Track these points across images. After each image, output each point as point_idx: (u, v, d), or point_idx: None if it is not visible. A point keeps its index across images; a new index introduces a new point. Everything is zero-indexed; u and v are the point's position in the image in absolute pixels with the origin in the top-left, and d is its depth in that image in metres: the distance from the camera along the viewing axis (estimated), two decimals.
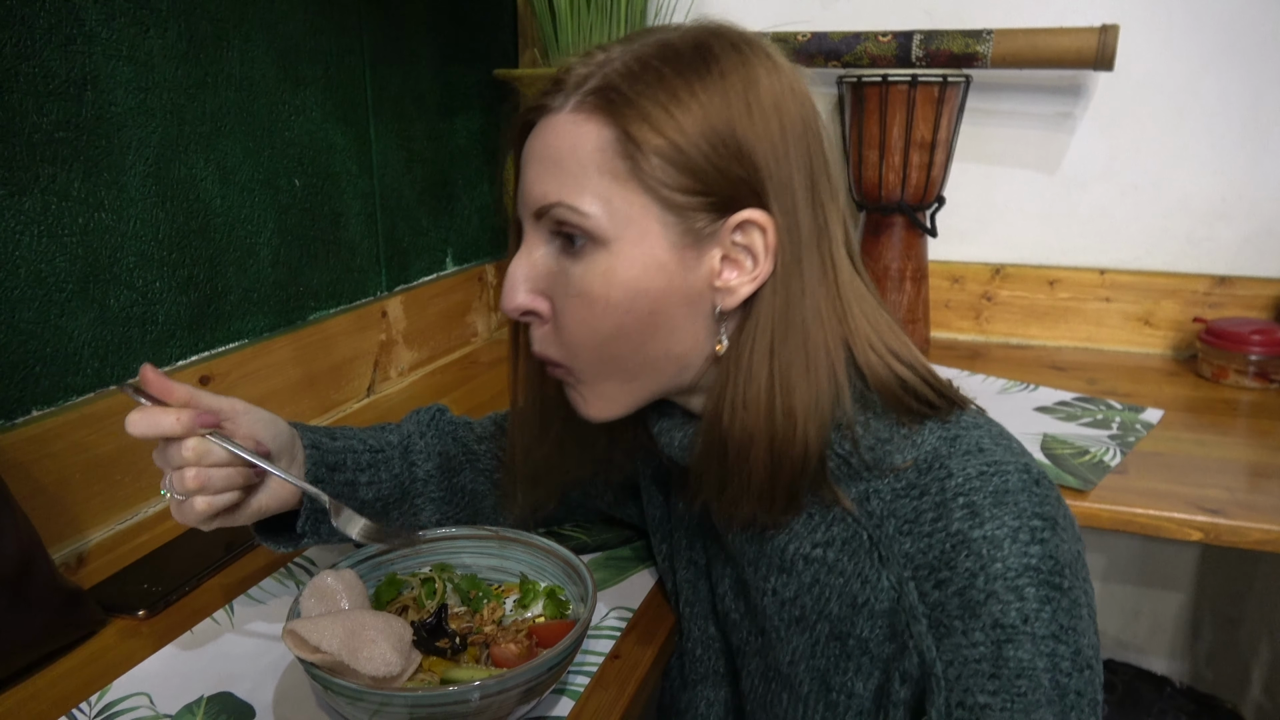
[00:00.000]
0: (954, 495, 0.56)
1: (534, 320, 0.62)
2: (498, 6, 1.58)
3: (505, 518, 0.83)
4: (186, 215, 0.98)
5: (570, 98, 0.57)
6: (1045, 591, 0.54)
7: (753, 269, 0.58)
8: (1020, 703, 0.53)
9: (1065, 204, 1.50)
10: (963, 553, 0.55)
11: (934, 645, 0.56)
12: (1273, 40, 1.35)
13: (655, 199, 0.56)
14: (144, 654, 0.70)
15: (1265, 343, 1.30)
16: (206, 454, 0.61)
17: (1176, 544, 1.53)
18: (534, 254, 0.60)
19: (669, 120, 0.55)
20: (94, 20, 0.86)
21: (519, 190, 0.61)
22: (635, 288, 0.57)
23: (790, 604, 0.63)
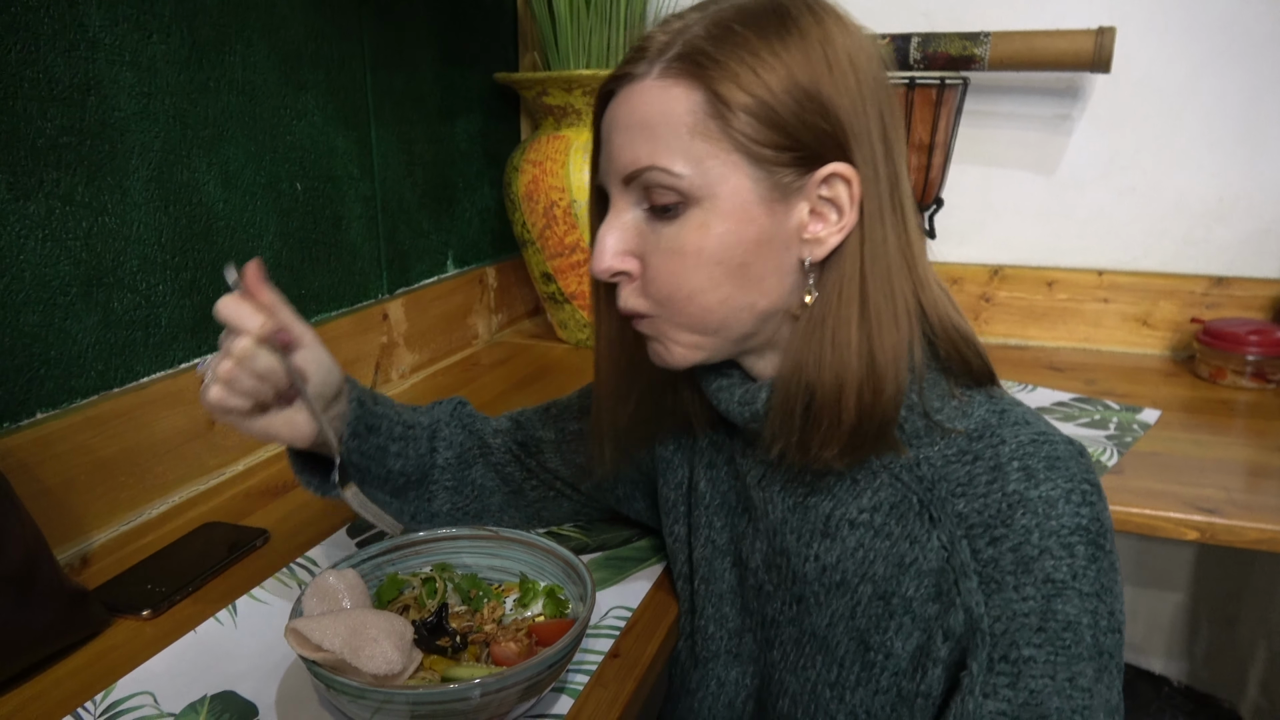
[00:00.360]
0: (1009, 459, 0.60)
1: (623, 279, 0.64)
2: (498, 10, 1.59)
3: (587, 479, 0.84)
4: (189, 219, 0.99)
5: (655, 64, 0.59)
6: (1093, 551, 0.58)
7: (838, 221, 0.60)
8: (1064, 655, 0.56)
9: (1063, 205, 1.51)
10: (1019, 510, 0.58)
11: (983, 600, 0.58)
12: (1269, 42, 1.36)
13: (745, 156, 0.58)
14: (148, 654, 0.71)
15: (1262, 343, 1.30)
16: (250, 359, 0.64)
17: (1174, 544, 1.54)
18: (623, 217, 0.62)
19: (755, 79, 0.57)
20: (97, 26, 0.87)
21: (603, 157, 0.63)
22: (728, 241, 0.59)
23: (832, 569, 0.65)
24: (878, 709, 0.63)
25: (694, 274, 0.60)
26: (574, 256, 1.45)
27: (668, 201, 0.60)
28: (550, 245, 1.45)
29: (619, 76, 0.61)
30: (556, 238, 1.44)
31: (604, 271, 0.63)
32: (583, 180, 1.40)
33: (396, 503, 0.80)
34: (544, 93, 1.43)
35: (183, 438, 0.98)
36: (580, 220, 1.41)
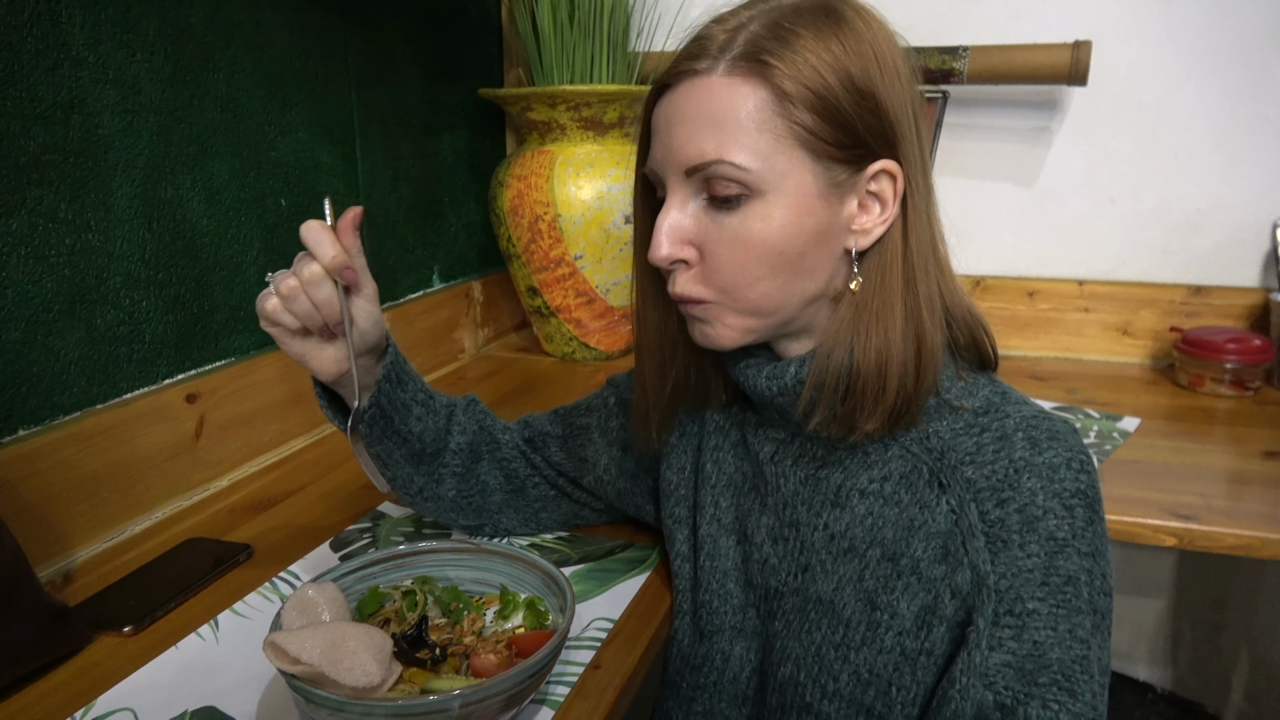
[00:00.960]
0: (1014, 430, 0.65)
1: (679, 266, 0.66)
2: (483, 26, 1.60)
3: (588, 473, 0.87)
4: (173, 235, 0.99)
5: (719, 61, 0.62)
6: (1089, 514, 0.63)
7: (881, 213, 0.65)
8: (1065, 608, 0.60)
9: (1043, 216, 1.52)
10: (1025, 474, 0.63)
11: (990, 558, 0.62)
12: (1241, 56, 1.38)
13: (808, 151, 0.62)
14: (129, 670, 0.71)
15: (1240, 351, 1.32)
16: (313, 284, 0.68)
17: (1157, 551, 1.55)
18: (683, 208, 0.65)
19: (816, 75, 0.61)
20: (81, 44, 0.87)
21: (659, 149, 0.66)
22: (790, 233, 0.63)
23: (841, 536, 0.69)
24: (880, 668, 0.66)
25: (757, 263, 0.64)
26: (559, 270, 1.45)
27: (730, 193, 0.63)
28: (536, 259, 1.46)
29: (681, 71, 0.64)
30: (542, 252, 1.45)
31: (664, 259, 0.65)
32: (567, 194, 1.41)
33: (409, 469, 0.81)
34: (528, 108, 1.44)
35: (167, 453, 0.98)
36: (565, 234, 1.42)
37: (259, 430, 1.11)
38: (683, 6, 1.58)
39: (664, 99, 0.65)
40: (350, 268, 0.68)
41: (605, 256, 1.44)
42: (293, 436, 1.17)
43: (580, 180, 1.41)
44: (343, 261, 0.68)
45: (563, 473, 0.89)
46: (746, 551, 0.75)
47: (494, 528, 0.89)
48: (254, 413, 1.10)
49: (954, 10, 1.48)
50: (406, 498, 0.85)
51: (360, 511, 0.98)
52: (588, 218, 1.41)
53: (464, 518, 0.87)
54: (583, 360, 1.55)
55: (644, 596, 0.82)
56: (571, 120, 1.42)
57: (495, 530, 0.90)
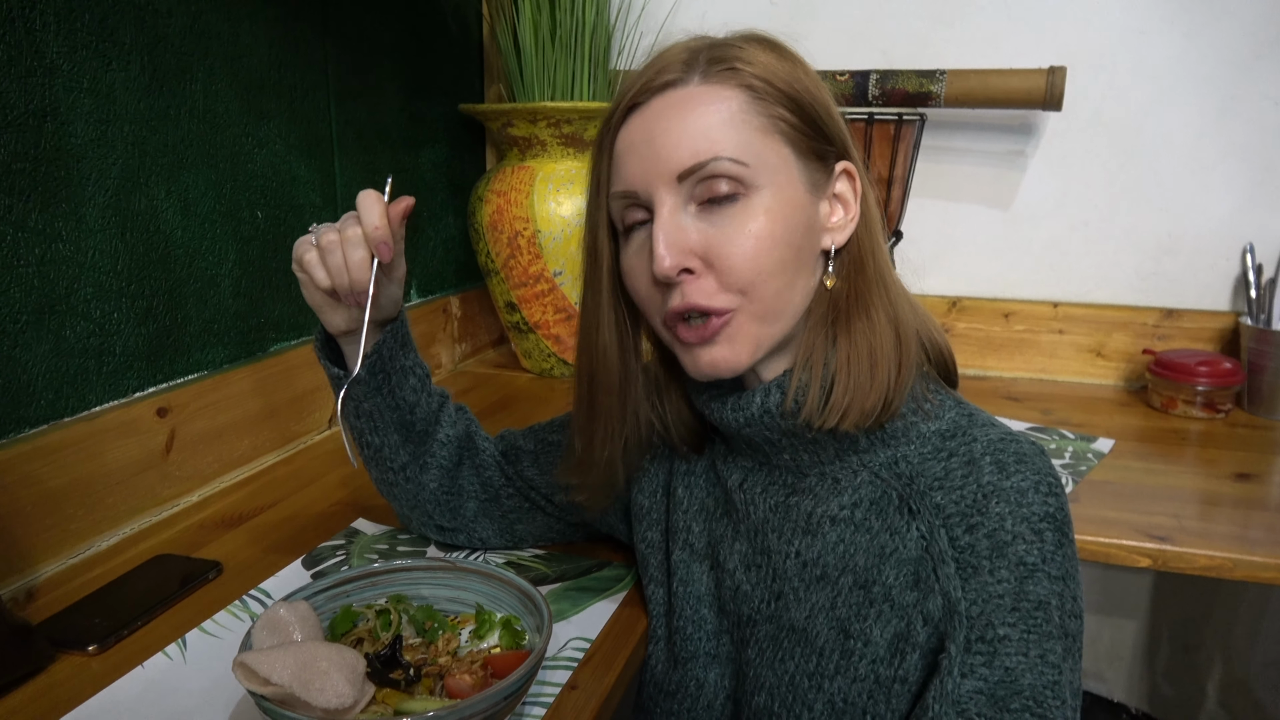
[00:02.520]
0: (981, 455, 0.65)
1: (685, 277, 0.65)
2: (463, 42, 1.60)
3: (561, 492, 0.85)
4: (146, 246, 0.98)
5: (693, 72, 0.65)
6: (1059, 538, 0.63)
7: (847, 214, 0.68)
8: (1035, 633, 0.60)
9: (1019, 239, 1.54)
10: (994, 500, 0.63)
11: (960, 585, 0.62)
12: (1211, 84, 1.40)
13: (792, 147, 0.65)
14: (93, 690, 0.69)
15: (1212, 374, 1.34)
16: (353, 245, 0.71)
17: (1133, 571, 1.56)
18: (677, 216, 0.65)
19: (785, 81, 0.65)
20: (55, 53, 0.86)
21: (638, 165, 0.65)
22: (790, 223, 0.65)
23: (813, 564, 0.68)
24: (855, 696, 0.65)
25: (770, 255, 0.64)
26: (538, 286, 1.45)
27: (724, 192, 0.63)
28: (514, 275, 1.45)
29: (654, 87, 0.65)
30: (521, 267, 1.44)
31: (670, 269, 0.64)
32: (547, 210, 1.41)
33: (397, 438, 0.81)
34: (509, 124, 1.44)
35: (135, 468, 0.96)
36: (545, 251, 1.42)
37: (231, 445, 1.09)
38: (664, 25, 1.59)
39: (633, 119, 0.66)
40: (387, 243, 0.70)
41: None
42: (265, 451, 1.15)
43: (560, 196, 1.41)
44: (384, 235, 0.70)
45: (534, 487, 0.88)
46: (719, 578, 0.75)
47: (469, 536, 0.89)
48: (226, 427, 1.08)
49: (932, 35, 1.50)
50: (389, 475, 0.83)
51: (333, 528, 0.97)
52: (567, 234, 1.41)
53: (440, 516, 0.86)
54: (561, 376, 1.55)
55: (621, 617, 0.81)
56: (552, 136, 1.42)
57: (471, 540, 0.89)
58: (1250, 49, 1.38)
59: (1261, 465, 1.19)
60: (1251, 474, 1.15)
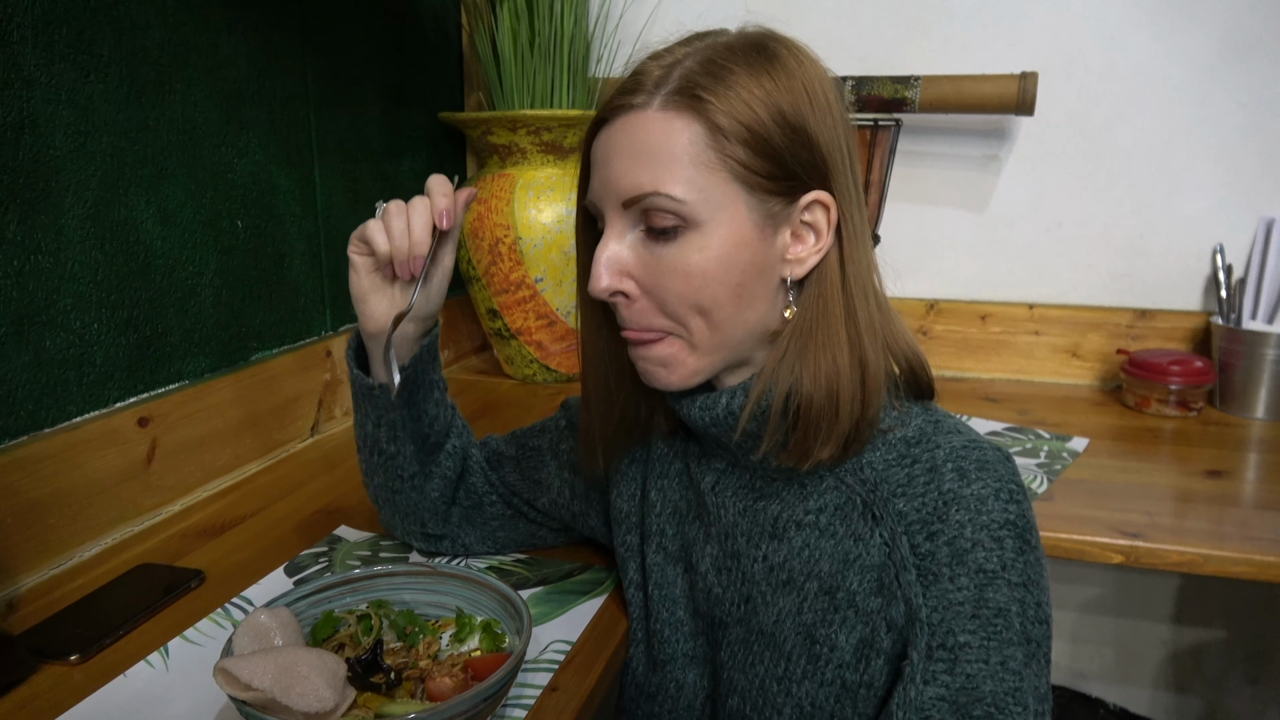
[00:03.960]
0: (944, 462, 0.65)
1: (621, 300, 0.67)
2: (443, 51, 1.61)
3: (543, 495, 0.89)
4: (126, 257, 0.98)
5: (654, 96, 0.63)
6: (1020, 544, 0.63)
7: (815, 243, 0.66)
8: (996, 640, 0.60)
9: (994, 242, 1.56)
10: (954, 507, 0.63)
11: (921, 592, 0.62)
12: (1181, 88, 1.43)
13: (741, 184, 0.63)
14: (75, 699, 0.69)
15: (1184, 373, 1.36)
16: (418, 212, 0.73)
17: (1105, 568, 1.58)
18: (620, 240, 0.66)
19: (749, 111, 0.62)
20: (33, 65, 0.86)
21: (597, 181, 0.67)
22: (727, 262, 0.64)
23: (779, 568, 0.68)
24: (822, 701, 0.66)
25: (700, 293, 0.64)
26: (519, 293, 1.46)
27: (667, 224, 0.64)
28: (496, 282, 1.46)
29: (617, 106, 0.65)
30: (502, 274, 1.45)
31: (603, 290, 0.66)
32: (528, 217, 1.41)
33: (412, 448, 0.82)
34: (489, 132, 1.45)
35: (116, 478, 0.96)
36: (525, 257, 1.43)
37: (212, 454, 1.10)
38: (642, 33, 1.60)
39: (602, 133, 0.66)
40: (451, 212, 0.73)
41: (566, 279, 1.45)
42: (247, 460, 1.15)
43: (541, 203, 1.42)
44: (449, 204, 0.72)
45: (517, 493, 0.89)
46: (692, 580, 0.76)
47: (454, 542, 0.90)
48: (207, 436, 1.09)
49: (907, 41, 1.52)
50: (395, 483, 0.84)
51: (316, 536, 0.97)
52: (548, 240, 1.42)
53: (433, 524, 0.88)
54: (543, 382, 1.55)
55: (601, 619, 0.82)
56: (532, 144, 1.43)
57: (454, 546, 0.90)
58: (1219, 53, 1.40)
59: (1232, 462, 1.21)
60: (1223, 471, 1.17)
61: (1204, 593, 1.57)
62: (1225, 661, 1.58)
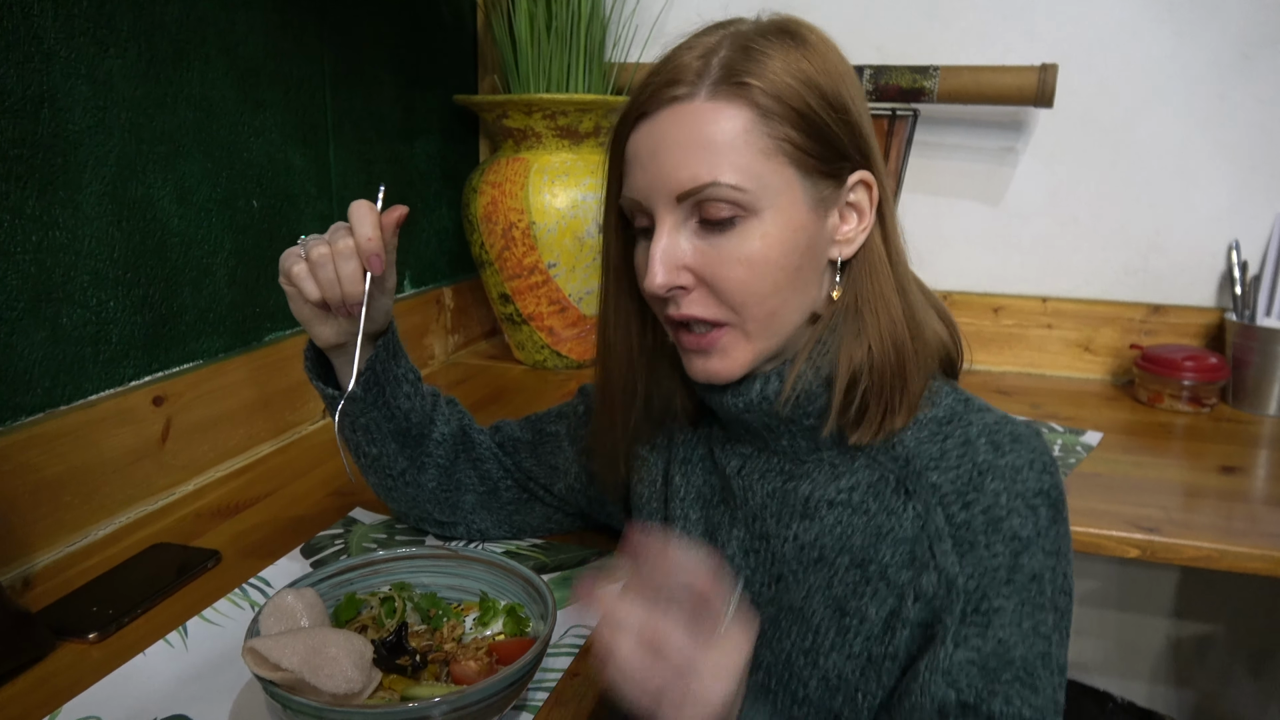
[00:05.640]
0: (977, 436, 0.66)
1: (678, 292, 0.66)
2: (458, 33, 1.60)
3: (560, 480, 0.88)
4: (143, 235, 0.97)
5: (699, 86, 0.63)
6: (1053, 514, 0.64)
7: (860, 223, 0.67)
8: (1029, 605, 0.61)
9: (1009, 234, 1.55)
10: (989, 477, 0.64)
11: (958, 560, 0.63)
12: (1200, 84, 1.42)
13: (796, 168, 0.63)
14: (95, 677, 0.69)
15: (1197, 369, 1.36)
16: (345, 258, 0.70)
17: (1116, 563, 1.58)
18: (675, 234, 0.65)
19: (794, 93, 0.62)
20: (53, 39, 0.86)
21: (643, 177, 0.65)
22: (787, 246, 0.64)
23: (810, 546, 0.69)
24: (848, 673, 0.66)
25: (763, 280, 0.64)
26: (532, 278, 1.45)
27: (724, 215, 0.63)
28: (509, 266, 1.46)
29: (659, 100, 0.64)
30: (515, 259, 1.44)
31: (661, 287, 0.65)
32: (541, 202, 1.41)
33: (394, 446, 0.82)
34: (504, 115, 1.44)
35: (131, 457, 0.96)
36: (539, 242, 1.42)
37: (227, 434, 1.09)
38: (659, 18, 1.59)
39: (642, 128, 0.65)
40: (380, 256, 0.70)
41: (579, 265, 1.44)
42: (261, 441, 1.15)
43: (555, 188, 1.41)
44: (376, 246, 0.69)
45: (534, 479, 0.89)
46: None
47: (467, 528, 0.89)
48: (222, 416, 1.08)
49: (925, 31, 1.51)
50: (388, 480, 0.84)
51: (331, 517, 0.97)
52: (562, 226, 1.41)
53: (439, 511, 0.87)
54: (554, 369, 1.55)
55: None
56: (547, 128, 1.43)
57: (469, 531, 0.90)
58: (1239, 49, 1.39)
59: (1246, 458, 1.21)
60: (1236, 467, 1.17)
61: (1207, 587, 1.57)
62: (1228, 656, 1.58)
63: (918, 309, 0.68)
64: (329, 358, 0.79)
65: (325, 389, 0.78)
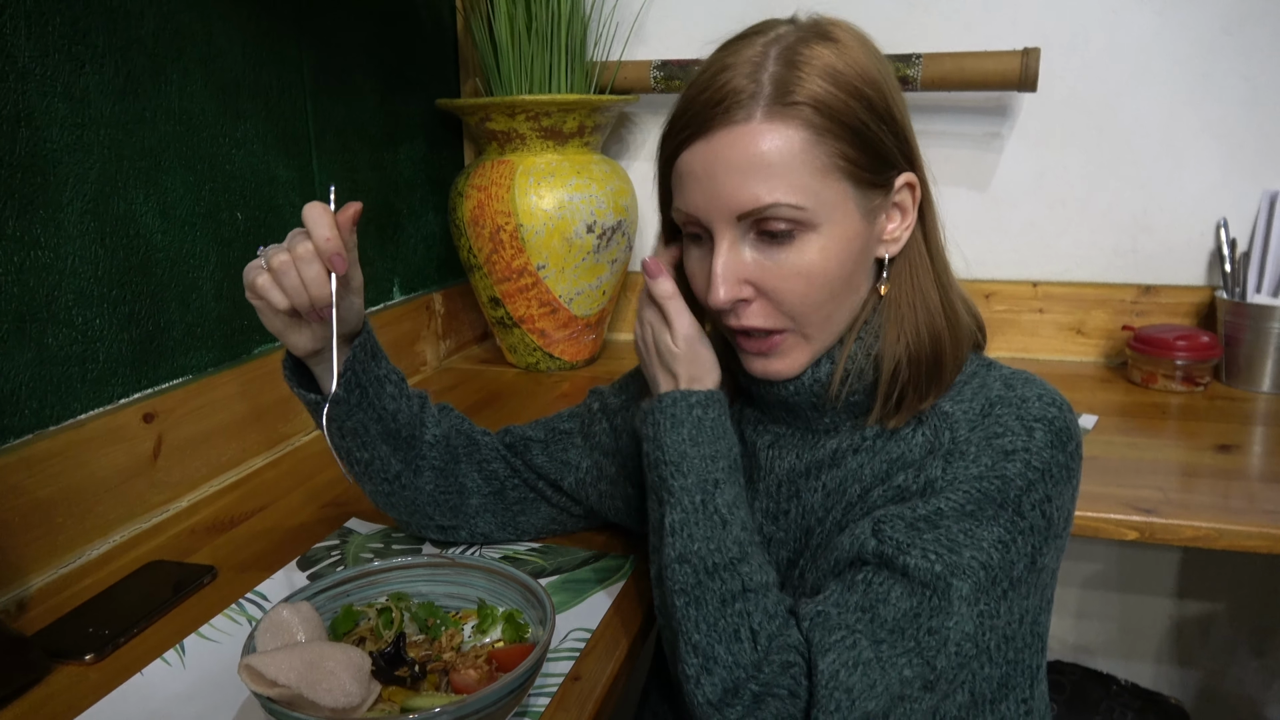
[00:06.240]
0: (994, 380, 0.70)
1: (741, 305, 0.69)
2: (438, 36, 1.59)
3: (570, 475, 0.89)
4: (127, 251, 0.97)
5: (755, 109, 0.64)
6: (1053, 439, 0.65)
7: (904, 221, 0.70)
8: (986, 499, 0.63)
9: (997, 220, 1.55)
10: (999, 406, 0.67)
11: (943, 465, 0.66)
12: (1183, 63, 1.42)
13: (850, 181, 0.66)
14: (92, 699, 0.68)
15: (1190, 348, 1.36)
16: (307, 262, 0.69)
17: (1116, 545, 1.58)
18: (735, 250, 0.67)
19: (844, 105, 0.64)
20: (27, 57, 0.85)
21: (701, 195, 0.67)
22: (843, 257, 0.67)
23: (835, 492, 0.72)
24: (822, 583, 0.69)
25: (822, 290, 0.67)
26: (522, 280, 1.45)
27: (781, 230, 0.65)
28: (498, 270, 1.45)
29: (713, 121, 0.65)
30: (504, 262, 1.44)
31: (725, 302, 0.67)
32: (528, 204, 1.40)
33: (386, 449, 0.81)
34: (487, 118, 1.43)
35: (123, 475, 0.95)
36: (527, 244, 1.41)
37: (219, 449, 1.09)
38: (639, 16, 1.59)
39: (696, 147, 0.66)
40: (341, 255, 0.69)
41: (568, 266, 1.44)
42: (253, 454, 1.14)
43: (541, 190, 1.41)
44: (336, 246, 0.69)
45: (543, 476, 0.89)
46: None
47: (470, 531, 0.89)
48: (213, 431, 1.08)
49: (908, 19, 1.51)
50: (384, 486, 0.83)
51: (327, 529, 0.96)
52: (549, 227, 1.41)
53: (440, 515, 0.86)
54: (547, 371, 1.54)
55: (621, 606, 0.82)
56: (531, 130, 1.42)
57: (471, 534, 0.89)
58: (1221, 26, 1.39)
59: (1241, 436, 1.21)
60: (1231, 445, 1.17)
61: (1209, 566, 1.57)
62: (1231, 635, 1.58)
63: (955, 300, 0.71)
64: (309, 366, 0.78)
65: (307, 395, 0.77)
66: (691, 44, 1.57)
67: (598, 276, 1.48)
